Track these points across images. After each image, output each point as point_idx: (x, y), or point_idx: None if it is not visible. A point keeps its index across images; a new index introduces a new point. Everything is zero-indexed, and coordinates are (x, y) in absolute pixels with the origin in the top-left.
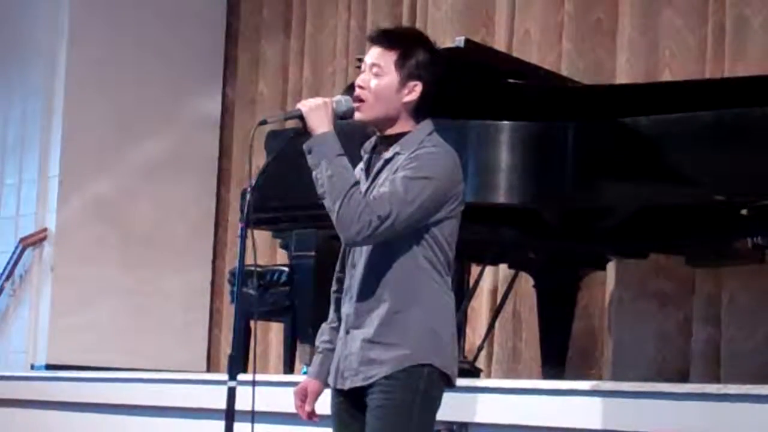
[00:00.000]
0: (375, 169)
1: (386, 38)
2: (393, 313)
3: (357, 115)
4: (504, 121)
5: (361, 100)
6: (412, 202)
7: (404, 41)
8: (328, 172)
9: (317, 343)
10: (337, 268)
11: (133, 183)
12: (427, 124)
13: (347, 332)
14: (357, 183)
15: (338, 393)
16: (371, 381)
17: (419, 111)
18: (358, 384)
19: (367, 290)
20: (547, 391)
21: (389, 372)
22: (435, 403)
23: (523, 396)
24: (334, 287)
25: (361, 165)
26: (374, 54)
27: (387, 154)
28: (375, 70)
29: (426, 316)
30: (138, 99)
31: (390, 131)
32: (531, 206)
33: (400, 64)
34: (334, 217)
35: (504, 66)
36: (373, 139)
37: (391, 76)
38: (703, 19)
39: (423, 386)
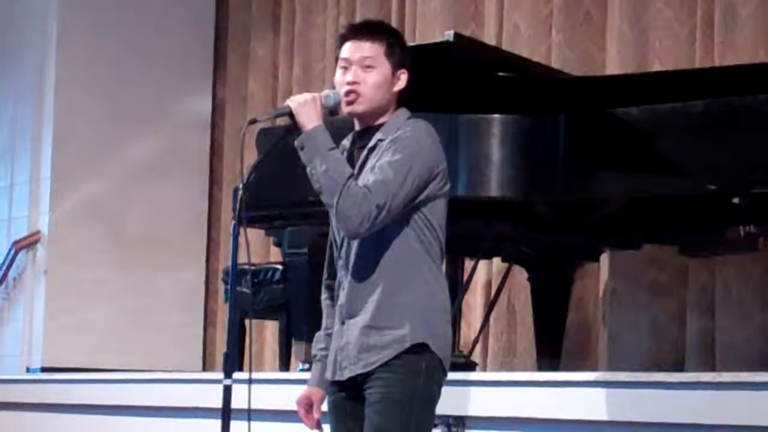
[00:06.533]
0: (359, 162)
1: (370, 31)
2: (387, 296)
3: (347, 109)
4: (495, 115)
5: (355, 95)
6: (404, 182)
7: (385, 33)
8: (323, 167)
9: (314, 351)
10: (325, 275)
11: (125, 184)
12: (403, 111)
13: (342, 323)
14: (352, 174)
15: (336, 386)
16: (373, 367)
17: (401, 98)
18: (359, 371)
19: (361, 276)
20: (542, 383)
21: (390, 356)
22: (435, 397)
23: (519, 388)
24: (323, 295)
25: None
26: (361, 48)
27: (369, 144)
28: (368, 62)
29: (419, 297)
30: (128, 100)
31: (377, 122)
32: (523, 199)
33: (389, 53)
34: (333, 212)
35: (494, 59)
36: (350, 136)
37: (384, 67)
38: (691, 10)
39: (422, 380)
